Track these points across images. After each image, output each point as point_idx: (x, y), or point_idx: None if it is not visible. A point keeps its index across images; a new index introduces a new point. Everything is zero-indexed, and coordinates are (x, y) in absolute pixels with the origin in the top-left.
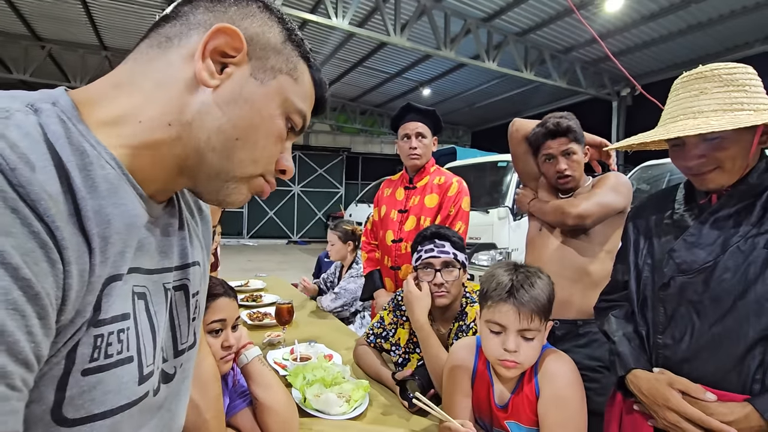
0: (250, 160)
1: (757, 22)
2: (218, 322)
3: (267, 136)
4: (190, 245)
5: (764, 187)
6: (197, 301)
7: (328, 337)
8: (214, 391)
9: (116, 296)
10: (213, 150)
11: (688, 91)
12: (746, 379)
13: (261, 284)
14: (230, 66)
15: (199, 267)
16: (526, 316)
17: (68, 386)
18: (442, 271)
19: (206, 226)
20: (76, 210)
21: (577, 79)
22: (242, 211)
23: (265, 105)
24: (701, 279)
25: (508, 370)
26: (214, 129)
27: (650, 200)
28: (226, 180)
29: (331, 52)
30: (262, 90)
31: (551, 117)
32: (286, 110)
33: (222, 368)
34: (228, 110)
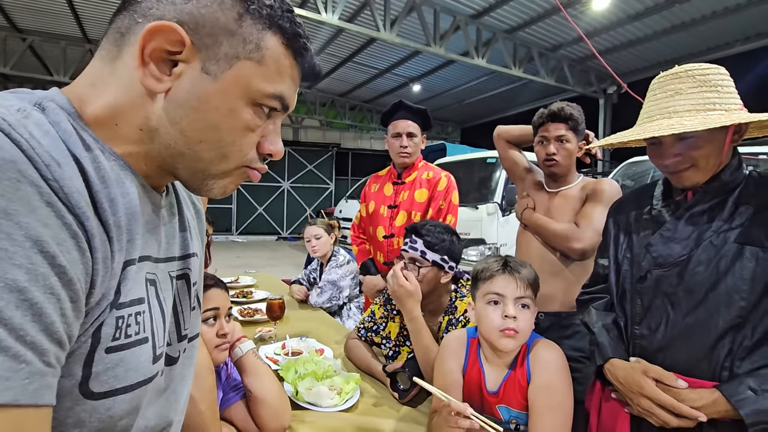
0: (218, 158)
1: (737, 22)
2: (211, 310)
3: (231, 132)
4: (189, 236)
5: (736, 184)
6: (197, 291)
7: (319, 331)
8: (208, 383)
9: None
10: (182, 154)
11: (665, 92)
12: (716, 366)
13: (251, 280)
14: (180, 64)
15: (197, 258)
16: (522, 284)
17: (94, 363)
18: (408, 265)
19: (200, 220)
20: (94, 202)
21: (565, 77)
22: (231, 207)
23: (222, 101)
24: (676, 272)
25: (509, 339)
26: (177, 134)
27: (630, 196)
28: (204, 178)
29: (320, 47)
30: (216, 85)
31: (557, 102)
32: (252, 98)
33: (218, 357)
34: (184, 113)
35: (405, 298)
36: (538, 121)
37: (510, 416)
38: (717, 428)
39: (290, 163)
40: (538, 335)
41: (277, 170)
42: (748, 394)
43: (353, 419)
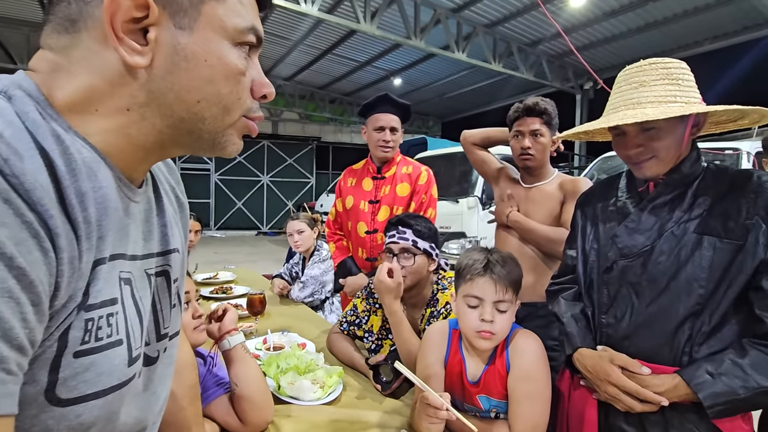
0: (222, 112)
1: (706, 22)
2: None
3: (227, 81)
4: (170, 231)
5: (695, 176)
6: (177, 288)
7: (301, 325)
8: (190, 379)
9: (103, 280)
10: (182, 120)
11: (629, 84)
12: (677, 352)
13: (231, 276)
14: (150, 29)
15: (178, 254)
16: (501, 288)
17: (61, 368)
18: (399, 256)
19: (184, 214)
20: (61, 198)
21: (543, 72)
22: (209, 201)
23: (207, 51)
24: (640, 262)
25: (485, 341)
26: (173, 101)
27: (596, 188)
28: (212, 138)
29: (299, 38)
30: (195, 37)
31: (532, 97)
32: (232, 38)
33: (198, 338)
34: (175, 79)
35: (384, 293)
36: (514, 115)
37: (490, 405)
38: (678, 411)
39: (269, 156)
40: (517, 325)
41: (256, 164)
42: (706, 378)
43: (336, 412)
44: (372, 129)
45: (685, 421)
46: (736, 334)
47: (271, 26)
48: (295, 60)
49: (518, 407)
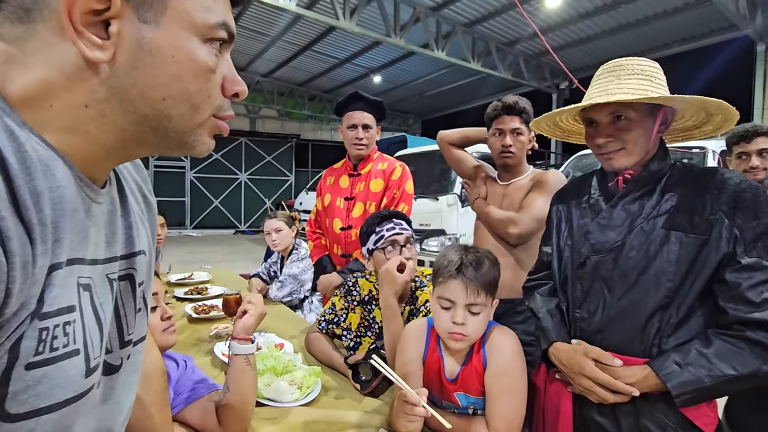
0: (190, 110)
1: (675, 25)
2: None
3: (196, 78)
4: (136, 233)
5: (662, 173)
6: (143, 291)
7: (279, 326)
8: (159, 385)
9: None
10: (146, 117)
11: (605, 78)
12: (647, 344)
13: (206, 276)
14: (112, 22)
15: (145, 256)
16: (472, 291)
17: (11, 381)
18: (405, 246)
19: (152, 214)
20: (14, 199)
21: (521, 72)
22: (184, 200)
23: (174, 47)
24: (612, 257)
25: (457, 342)
26: (136, 98)
27: (570, 186)
28: (180, 138)
29: (278, 34)
30: (161, 32)
31: (510, 96)
32: (201, 34)
33: (167, 340)
34: (139, 75)
35: (389, 285)
36: (493, 113)
37: (468, 402)
38: (648, 401)
39: (247, 154)
40: (494, 322)
41: (233, 162)
42: (674, 368)
43: (314, 413)
44: (346, 127)
45: (654, 411)
46: (702, 325)
47: (248, 21)
48: (273, 56)
49: (495, 403)
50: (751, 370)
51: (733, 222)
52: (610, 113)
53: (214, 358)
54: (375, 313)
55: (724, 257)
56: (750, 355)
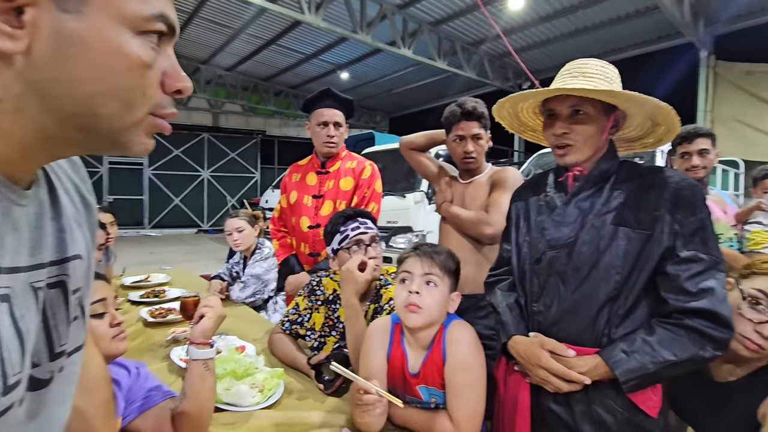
0: (123, 108)
1: (628, 30)
2: (98, 303)
3: (128, 73)
4: (69, 236)
5: (611, 172)
6: (79, 298)
7: (240, 328)
8: (103, 395)
9: None
10: (74, 116)
11: (570, 74)
12: (597, 335)
13: (164, 278)
14: (26, 10)
15: (81, 261)
16: (427, 263)
17: None
18: (371, 245)
19: (91, 215)
20: None
21: (485, 72)
22: (142, 198)
23: (101, 39)
24: (565, 252)
25: (414, 314)
26: (60, 94)
27: (527, 184)
28: (112, 137)
29: (241, 26)
30: (85, 23)
31: (468, 100)
32: (134, 26)
33: (118, 348)
34: (62, 68)
35: (349, 284)
36: (453, 118)
37: (429, 395)
38: (599, 388)
39: (210, 150)
40: (456, 317)
41: (195, 158)
42: (621, 356)
43: (276, 416)
44: (315, 124)
45: (604, 397)
46: (647, 314)
47: (210, 13)
48: (236, 49)
49: (456, 397)
50: (689, 355)
51: (673, 218)
52: (571, 106)
53: (170, 363)
54: (339, 313)
55: (666, 251)
56: (688, 342)
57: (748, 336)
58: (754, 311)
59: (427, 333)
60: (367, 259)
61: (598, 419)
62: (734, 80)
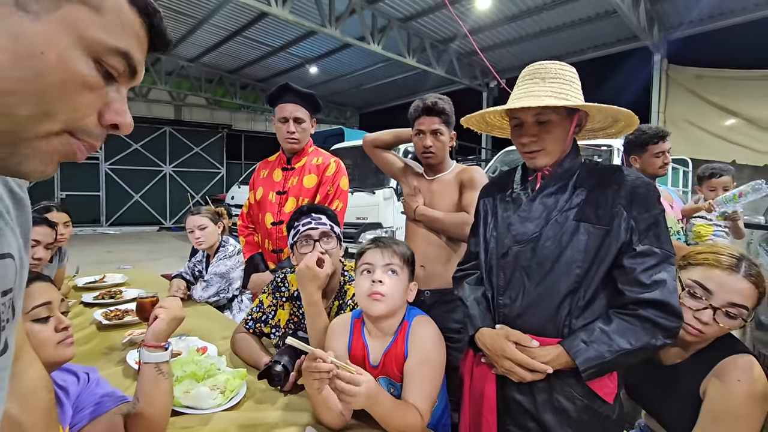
0: (41, 114)
1: (588, 33)
2: (42, 306)
3: (61, 87)
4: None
5: (574, 170)
6: (11, 300)
7: (203, 328)
8: (42, 404)
9: None
10: None
11: (531, 79)
12: (559, 326)
13: (121, 278)
14: None
15: (12, 260)
16: (387, 253)
17: None
18: (321, 241)
19: (23, 212)
20: None
21: (454, 69)
22: (98, 194)
23: (48, 47)
24: (530, 247)
25: (377, 303)
26: None
27: (495, 181)
28: (13, 143)
29: (205, 16)
30: (38, 27)
31: (431, 96)
32: (90, 51)
33: (65, 353)
34: None
35: (308, 281)
36: (414, 114)
37: (388, 386)
38: (560, 377)
39: (172, 144)
40: (420, 312)
41: (156, 152)
42: (581, 346)
43: (238, 417)
44: (277, 120)
45: (565, 385)
46: (605, 306)
47: (173, 1)
48: (200, 40)
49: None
50: (643, 343)
51: (629, 214)
52: (535, 114)
53: (126, 367)
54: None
55: (623, 245)
56: (642, 330)
57: (689, 322)
58: (692, 299)
59: (390, 323)
60: (324, 255)
61: (559, 407)
62: (685, 83)
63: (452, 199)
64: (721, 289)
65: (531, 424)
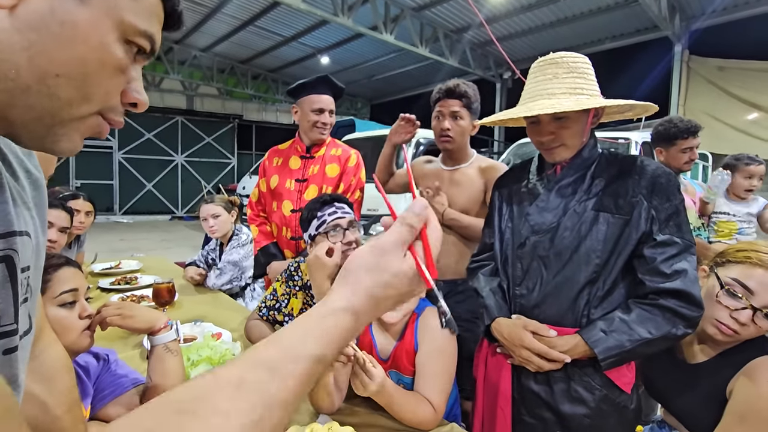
0: (80, 98)
1: (606, 22)
2: (69, 292)
3: (100, 69)
4: (13, 211)
5: (592, 160)
6: (28, 278)
7: (217, 315)
8: (65, 383)
9: None
10: (26, 89)
11: (544, 75)
12: (577, 315)
13: (136, 265)
14: None
15: (29, 238)
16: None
17: None
18: (349, 229)
19: (39, 193)
20: None
21: (467, 60)
22: (112, 183)
23: (92, 31)
24: (548, 237)
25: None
26: (25, 62)
27: (510, 172)
28: (52, 124)
29: (217, 5)
30: (85, 12)
31: (454, 80)
32: (124, 34)
33: (84, 342)
34: (37, 39)
35: (318, 271)
36: (435, 96)
37: (399, 381)
38: (578, 366)
39: (184, 134)
40: (428, 303)
41: (168, 142)
42: (600, 335)
43: None
44: (309, 110)
45: (583, 375)
46: (624, 296)
47: None
48: (212, 29)
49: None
50: (663, 332)
51: (650, 204)
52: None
53: (143, 350)
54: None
55: (643, 235)
56: (662, 320)
57: (725, 321)
58: (731, 299)
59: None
60: (334, 245)
61: (577, 396)
62: (706, 75)
63: (473, 194)
64: (763, 289)
65: (547, 414)
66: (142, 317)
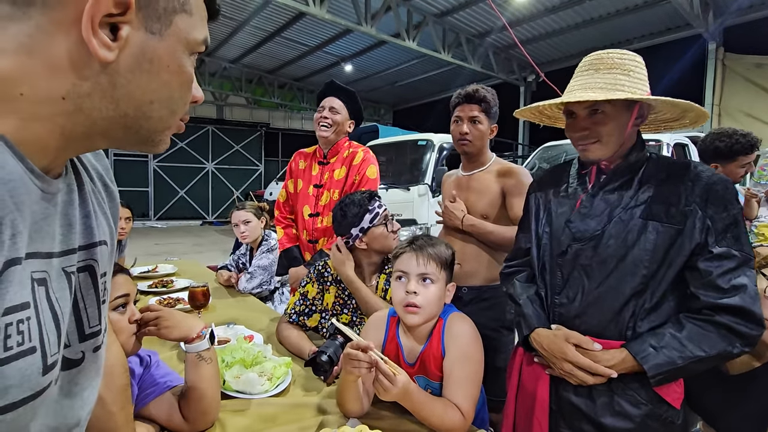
0: (169, 114)
1: (635, 21)
2: (121, 297)
3: (181, 87)
4: (95, 222)
5: (639, 165)
6: (105, 282)
7: (248, 317)
8: (121, 381)
9: (15, 283)
10: (125, 116)
11: (587, 70)
12: (622, 327)
13: (172, 268)
14: (122, 27)
15: (106, 246)
16: (423, 260)
17: None
18: (391, 221)
19: (113, 203)
20: None
21: (490, 64)
22: (147, 190)
23: (172, 59)
24: (591, 245)
25: (412, 315)
26: (122, 97)
27: (548, 174)
28: (149, 136)
29: (246, 18)
30: (164, 44)
31: (473, 85)
32: (190, 48)
33: (133, 345)
34: (134, 77)
35: (338, 265)
36: (455, 101)
37: (426, 386)
38: (623, 381)
39: (214, 143)
40: (454, 309)
41: (199, 150)
42: (650, 351)
43: (285, 402)
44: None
45: (627, 389)
46: (673, 309)
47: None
48: (241, 42)
49: (458, 388)
50: (718, 351)
51: (705, 213)
52: (587, 107)
53: (180, 351)
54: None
55: (697, 246)
56: (717, 337)
57: None
58: None
59: (426, 326)
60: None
61: (621, 411)
62: (743, 72)
63: (492, 198)
64: None
65: (587, 426)
66: (177, 327)
